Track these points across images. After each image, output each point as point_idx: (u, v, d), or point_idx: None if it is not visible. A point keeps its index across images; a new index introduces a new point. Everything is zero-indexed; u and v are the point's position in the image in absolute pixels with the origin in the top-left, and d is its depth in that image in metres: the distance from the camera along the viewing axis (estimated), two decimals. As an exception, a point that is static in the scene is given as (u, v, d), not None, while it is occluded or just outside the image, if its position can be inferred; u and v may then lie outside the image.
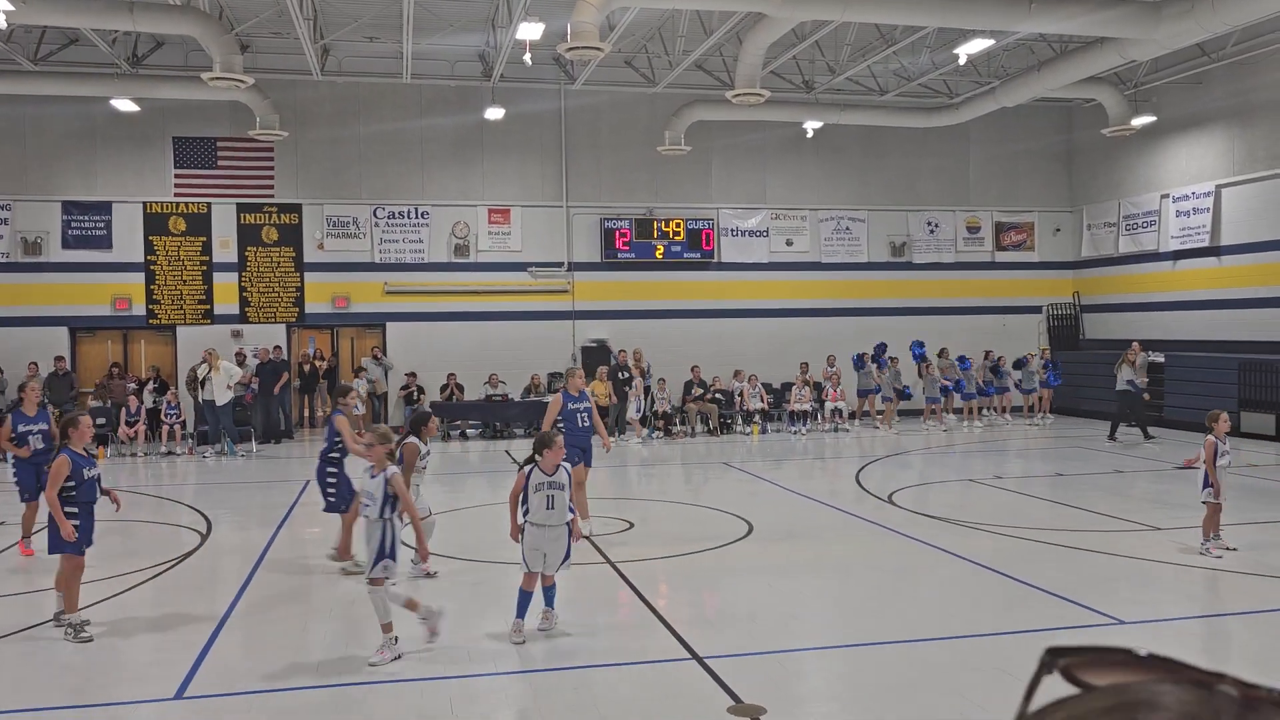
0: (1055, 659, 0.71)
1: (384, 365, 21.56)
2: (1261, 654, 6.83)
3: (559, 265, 22.73)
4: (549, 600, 7.29)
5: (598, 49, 14.10)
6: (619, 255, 22.76)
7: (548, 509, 7.05)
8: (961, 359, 22.28)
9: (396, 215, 21.99)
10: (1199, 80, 20.93)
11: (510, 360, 21.85)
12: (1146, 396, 19.11)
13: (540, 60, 19.32)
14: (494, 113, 21.05)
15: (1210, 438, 9.39)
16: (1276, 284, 19.30)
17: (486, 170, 22.44)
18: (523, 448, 19.26)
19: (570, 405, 10.57)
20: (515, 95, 21.68)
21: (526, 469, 7.20)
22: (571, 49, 13.92)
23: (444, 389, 21.36)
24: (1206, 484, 9.41)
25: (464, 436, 21.13)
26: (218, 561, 10.11)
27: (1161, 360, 20.88)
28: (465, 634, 7.28)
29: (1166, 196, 22.18)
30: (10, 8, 13.12)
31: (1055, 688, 0.70)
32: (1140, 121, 20.84)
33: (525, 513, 7.09)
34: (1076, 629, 7.21)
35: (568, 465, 7.30)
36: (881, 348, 21.58)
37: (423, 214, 22.10)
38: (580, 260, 22.81)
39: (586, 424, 10.60)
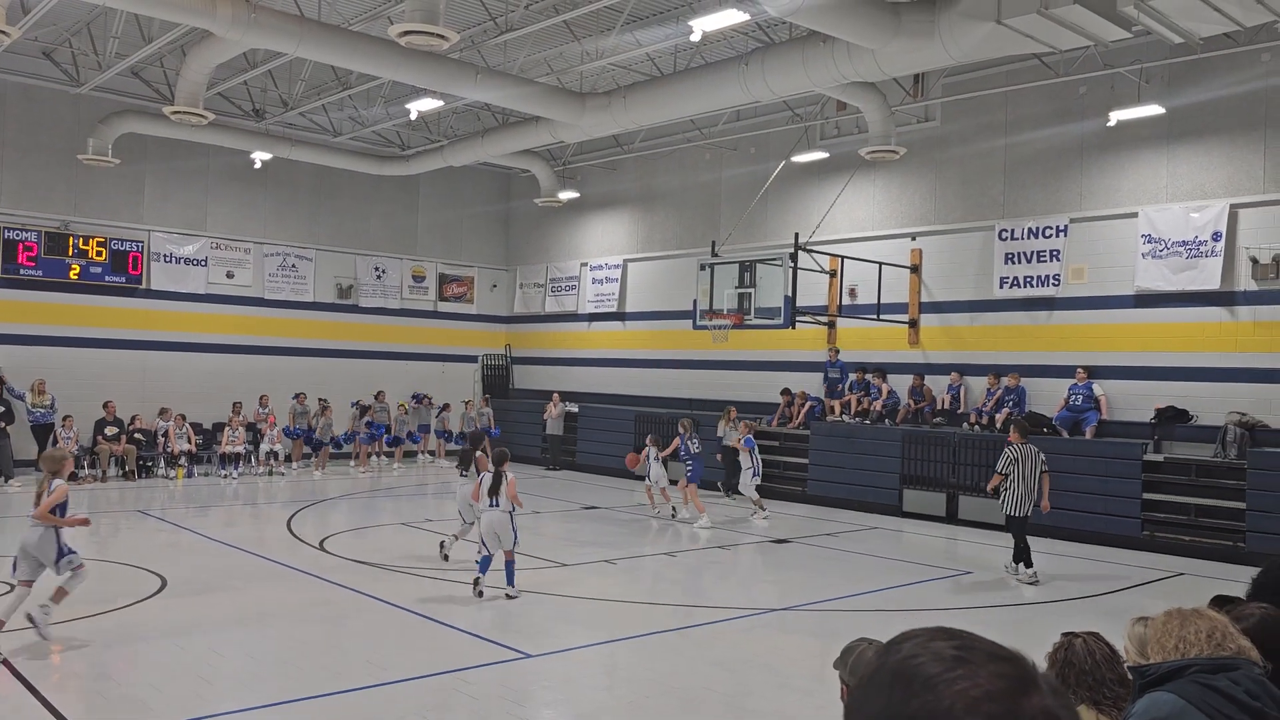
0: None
1: None
2: (649, 674, 7.89)
3: (-63, 277, 19.02)
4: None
5: (3, 32, 12.24)
6: (22, 271, 19.68)
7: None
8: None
9: None
10: (614, 167, 24.02)
11: None
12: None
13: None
14: None
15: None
16: (666, 348, 22.66)
17: None
18: None
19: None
20: (-114, 67, 17.88)
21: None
22: (-32, 28, 11.91)
23: None
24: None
25: None
26: None
27: (575, 410, 23.32)
28: None
29: (585, 264, 25.01)
30: None
31: None
32: (566, 195, 23.30)
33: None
34: (488, 666, 7.73)
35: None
36: None
37: None
38: (-33, 273, 19.32)
39: None
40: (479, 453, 11.56)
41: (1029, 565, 11.59)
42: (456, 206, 26.26)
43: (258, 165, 21.69)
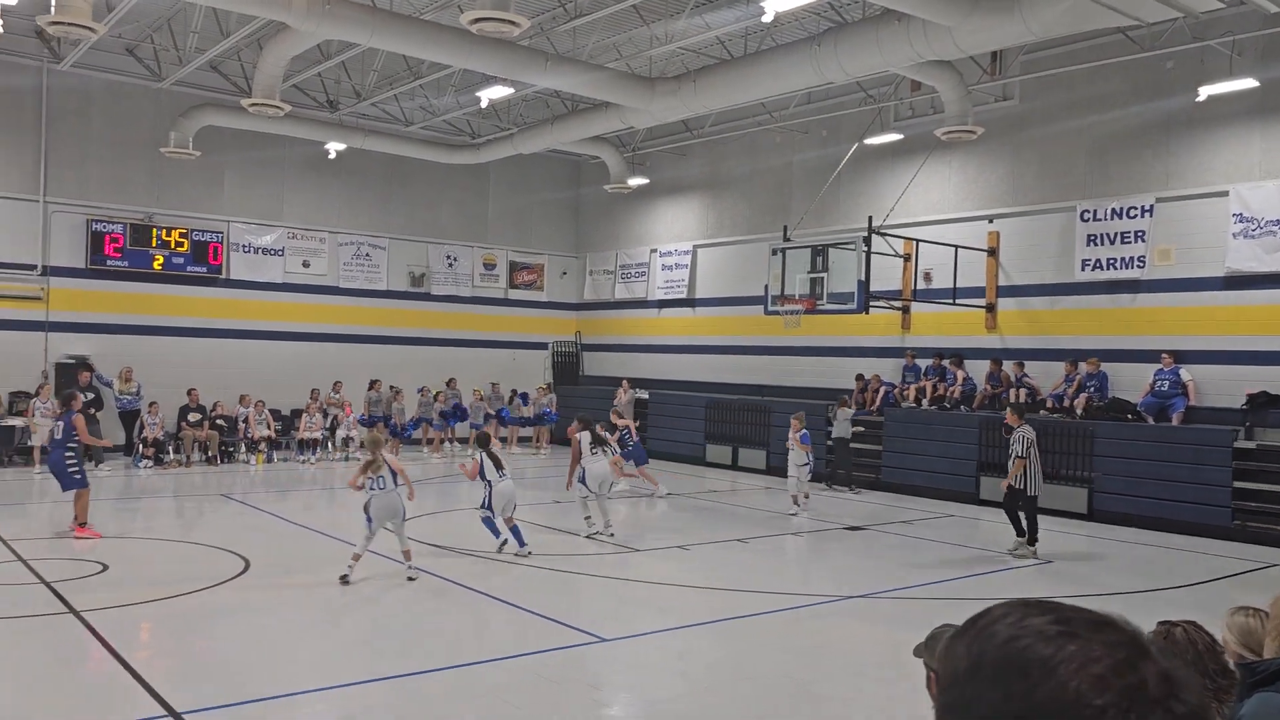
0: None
1: None
2: (723, 660, 7.85)
3: (31, 268, 19.70)
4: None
5: (89, 29, 12.58)
6: (109, 263, 20.31)
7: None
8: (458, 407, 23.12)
9: None
10: (684, 152, 23.89)
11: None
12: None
13: (17, 30, 16.77)
14: (-50, 82, 17.85)
15: None
16: (737, 333, 22.51)
17: (-64, 148, 18.87)
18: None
19: None
20: (-19, 66, 18.55)
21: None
22: (54, 24, 12.26)
23: None
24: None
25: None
26: None
27: (646, 396, 23.32)
28: None
29: (655, 251, 24.94)
30: None
31: None
32: (635, 182, 23.25)
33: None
34: (564, 649, 7.76)
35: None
36: None
37: None
38: (60, 265, 19.98)
39: None
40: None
41: (1033, 542, 11.96)
42: (526, 194, 26.40)
43: (332, 155, 22.05)
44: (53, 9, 12.14)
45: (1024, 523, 12.04)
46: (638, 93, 16.88)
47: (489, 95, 18.76)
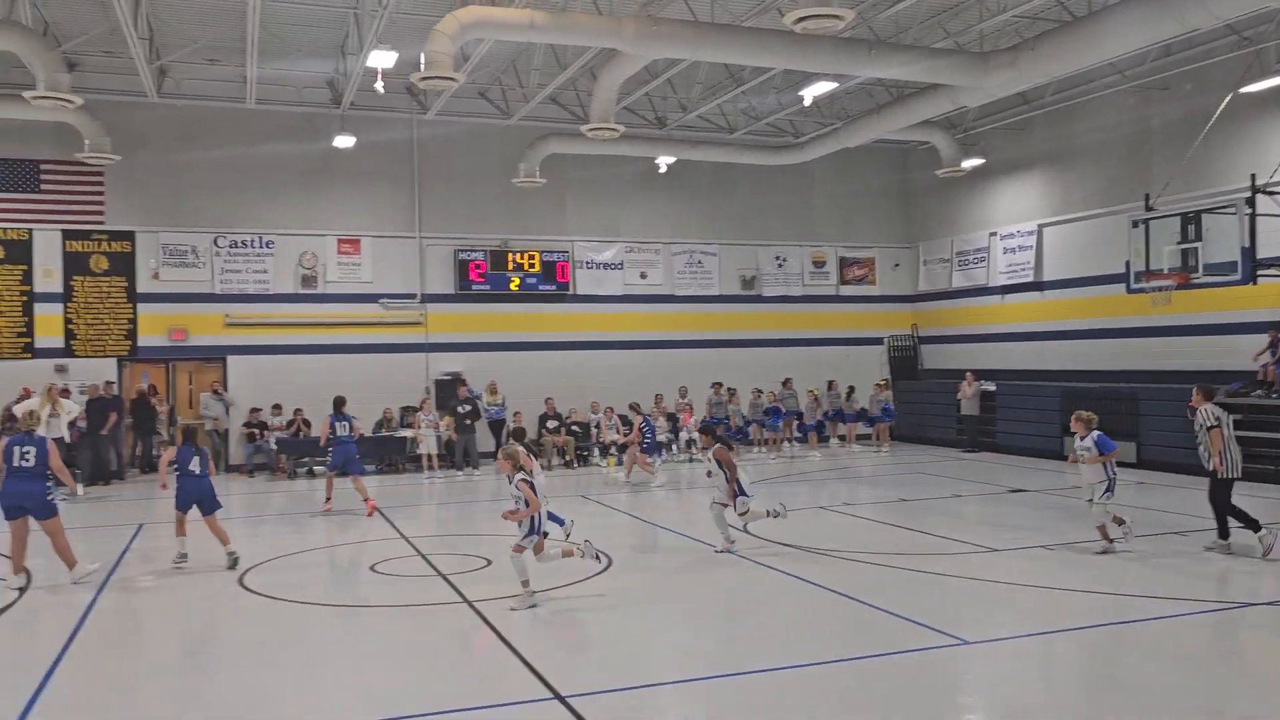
0: None
1: (225, 401, 20.61)
2: (1094, 670, 7.23)
3: (412, 297, 22.30)
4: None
5: (451, 79, 13.98)
6: (473, 287, 22.52)
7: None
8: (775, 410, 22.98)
9: (239, 244, 21.13)
10: (1022, 127, 22.40)
11: (361, 394, 21.20)
12: None
13: (392, 89, 18.99)
14: (344, 141, 20.58)
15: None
16: (1092, 316, 20.73)
17: (336, 199, 21.85)
18: (373, 485, 18.72)
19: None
20: (366, 123, 21.25)
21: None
22: (425, 79, 13.75)
23: (290, 424, 20.55)
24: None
25: (311, 474, 20.33)
26: (39, 614, 9.35)
27: (993, 389, 22.08)
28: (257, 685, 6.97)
29: (995, 234, 23.58)
30: None
31: None
32: (970, 164, 22.11)
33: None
34: (922, 651, 7.49)
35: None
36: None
37: (267, 243, 21.31)
38: (434, 292, 22.45)
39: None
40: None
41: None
42: (852, 188, 25.98)
43: (662, 170, 22.97)
44: (421, 66, 13.62)
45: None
46: (969, 70, 16.06)
47: (812, 92, 18.68)
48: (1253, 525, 10.63)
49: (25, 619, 9.16)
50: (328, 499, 15.14)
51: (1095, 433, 11.08)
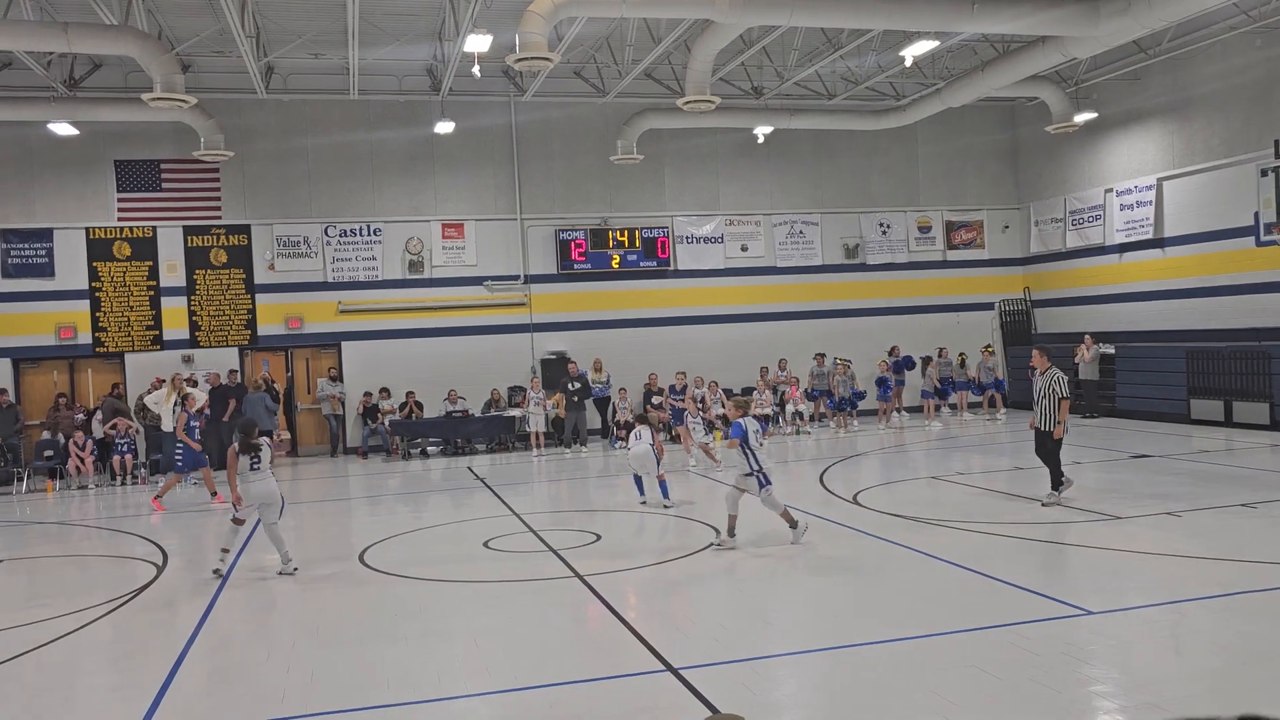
0: None
1: (340, 387, 21.33)
2: (1228, 639, 6.92)
3: (515, 278, 22.61)
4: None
5: (547, 59, 14.04)
6: (575, 266, 22.70)
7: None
8: (907, 359, 22.56)
9: (348, 233, 21.75)
10: (1137, 76, 21.36)
11: (469, 375, 21.70)
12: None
13: (489, 73, 19.22)
14: (444, 126, 20.93)
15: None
16: (1218, 273, 19.71)
17: (438, 185, 22.28)
18: (484, 464, 19.14)
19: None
20: (465, 108, 21.57)
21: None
22: (520, 60, 13.85)
23: (403, 407, 21.13)
24: None
25: (424, 454, 20.90)
26: (174, 594, 9.86)
27: (1112, 351, 21.24)
28: (430, 657, 7.18)
29: (1110, 191, 22.60)
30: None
31: None
32: (1082, 118, 21.20)
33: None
34: (1044, 621, 7.28)
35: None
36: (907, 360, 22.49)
37: (375, 231, 21.88)
38: (536, 272, 22.72)
39: None
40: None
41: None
42: (957, 149, 25.22)
43: (760, 140, 22.68)
44: (517, 48, 13.72)
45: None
46: (1080, 20, 15.36)
47: (913, 52, 18.14)
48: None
49: (163, 597, 9.66)
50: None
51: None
